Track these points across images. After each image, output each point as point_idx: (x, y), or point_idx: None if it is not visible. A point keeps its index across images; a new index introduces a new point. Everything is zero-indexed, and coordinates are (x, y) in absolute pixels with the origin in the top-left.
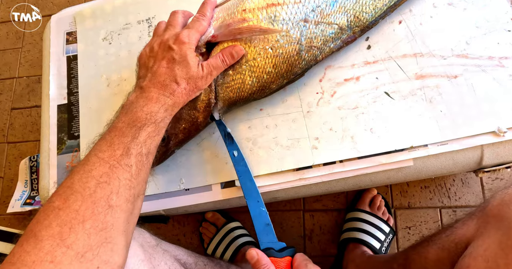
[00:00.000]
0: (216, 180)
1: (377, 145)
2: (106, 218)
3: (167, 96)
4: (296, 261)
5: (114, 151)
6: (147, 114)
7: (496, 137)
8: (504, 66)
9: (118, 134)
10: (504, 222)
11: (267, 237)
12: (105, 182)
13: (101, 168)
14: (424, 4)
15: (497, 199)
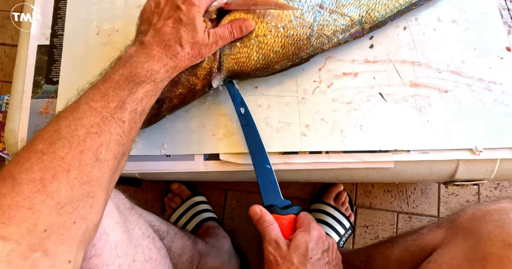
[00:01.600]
0: (200, 151)
1: (363, 142)
2: (92, 171)
3: (169, 57)
4: (299, 219)
5: (108, 102)
6: (147, 71)
7: (472, 154)
8: (491, 90)
9: (114, 86)
10: (473, 236)
11: (271, 194)
12: (95, 133)
13: (93, 117)
14: (430, 16)
15: (468, 214)
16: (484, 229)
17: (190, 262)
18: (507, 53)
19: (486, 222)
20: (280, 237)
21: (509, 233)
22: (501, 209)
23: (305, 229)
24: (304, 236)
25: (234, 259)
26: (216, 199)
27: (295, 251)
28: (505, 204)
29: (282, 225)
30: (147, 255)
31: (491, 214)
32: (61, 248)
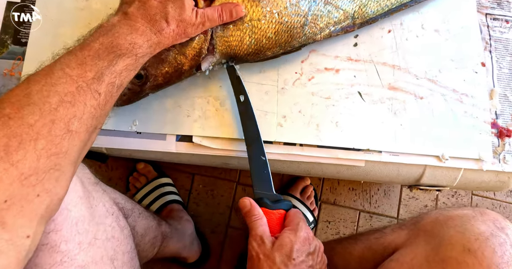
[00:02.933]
0: (173, 131)
1: (338, 139)
2: (62, 143)
3: (153, 33)
4: (288, 217)
5: (85, 71)
6: (130, 44)
7: (439, 161)
8: (462, 102)
9: (92, 54)
10: (435, 239)
11: (263, 186)
12: (69, 102)
13: (67, 85)
14: (414, 22)
15: (431, 217)
16: (446, 233)
17: (153, 243)
18: (482, 68)
19: (448, 227)
20: (266, 233)
21: (469, 239)
22: (463, 215)
23: (292, 229)
24: (290, 236)
25: (196, 244)
26: (183, 183)
27: (278, 250)
28: (467, 211)
29: (271, 220)
30: (109, 233)
31: (453, 219)
32: (20, 221)
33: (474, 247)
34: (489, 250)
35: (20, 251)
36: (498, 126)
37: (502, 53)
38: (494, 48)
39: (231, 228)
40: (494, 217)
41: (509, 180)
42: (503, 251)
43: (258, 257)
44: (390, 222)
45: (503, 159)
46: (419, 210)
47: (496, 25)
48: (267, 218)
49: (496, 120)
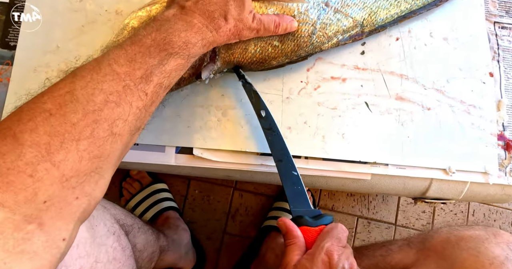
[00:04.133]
0: (172, 143)
1: (344, 152)
2: (105, 145)
3: (210, 31)
4: (318, 236)
5: (134, 70)
6: (184, 42)
7: (445, 174)
8: (470, 113)
9: (143, 51)
10: (446, 261)
11: (299, 203)
12: (114, 102)
13: (114, 84)
14: (423, 30)
15: (442, 237)
16: (458, 256)
17: (150, 258)
18: (490, 78)
19: (461, 249)
20: (293, 260)
21: (483, 264)
22: (476, 237)
23: (310, 253)
24: (305, 263)
25: (191, 253)
26: (178, 188)
27: None
28: (479, 231)
29: (311, 238)
30: (110, 255)
31: (466, 240)
32: (58, 223)
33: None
34: None
35: (55, 254)
36: (505, 138)
37: (510, 63)
38: (502, 58)
39: (227, 235)
40: (508, 240)
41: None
42: None
43: None
44: (388, 228)
45: (510, 172)
46: (417, 216)
47: (504, 34)
48: (309, 236)
49: (503, 132)
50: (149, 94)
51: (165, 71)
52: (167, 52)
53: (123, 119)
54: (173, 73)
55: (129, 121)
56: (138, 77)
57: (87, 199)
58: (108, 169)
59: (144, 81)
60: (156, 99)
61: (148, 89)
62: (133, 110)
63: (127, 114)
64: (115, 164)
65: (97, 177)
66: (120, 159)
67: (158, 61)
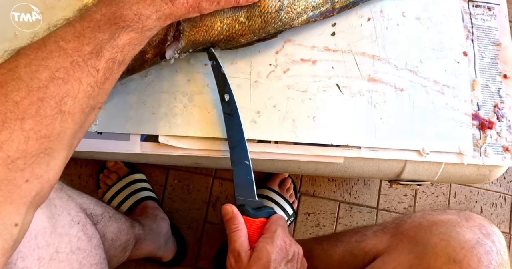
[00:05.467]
0: (137, 130)
1: (315, 135)
2: (54, 124)
3: (165, 2)
4: (267, 224)
5: (83, 45)
6: (135, 15)
7: (419, 156)
8: (443, 94)
9: (92, 26)
10: (419, 247)
11: (245, 192)
12: (61, 78)
13: (60, 60)
14: (395, 9)
15: (415, 222)
16: (430, 241)
17: (124, 247)
18: (463, 58)
19: (433, 234)
20: (243, 247)
21: (454, 248)
22: (448, 221)
23: (268, 237)
24: (266, 246)
25: (171, 242)
26: (157, 178)
27: (255, 264)
28: (452, 216)
29: (251, 228)
30: (74, 245)
31: (438, 225)
32: (8, 208)
33: (460, 256)
34: (475, 260)
35: (7, 239)
36: (480, 118)
37: (484, 41)
38: (476, 37)
39: (208, 224)
40: (480, 223)
41: (490, 173)
42: (489, 260)
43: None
44: (370, 212)
45: (484, 152)
46: (398, 199)
47: (478, 13)
48: (248, 227)
49: (477, 112)
50: (101, 70)
51: (117, 46)
52: (118, 26)
53: (72, 97)
54: (127, 48)
55: (79, 99)
56: (87, 52)
57: (38, 182)
58: (60, 150)
59: (94, 57)
60: (110, 76)
61: (99, 65)
62: (83, 87)
63: (76, 91)
64: (68, 145)
65: (48, 158)
66: (74, 139)
67: (108, 36)
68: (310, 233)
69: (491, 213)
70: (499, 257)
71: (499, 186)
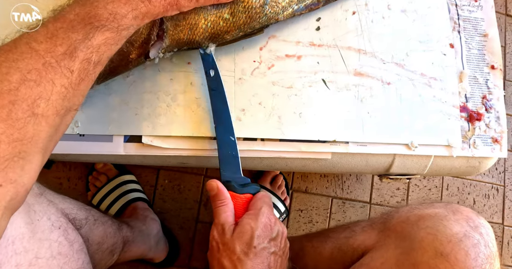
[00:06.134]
0: (120, 132)
1: (302, 131)
2: (26, 127)
3: (141, 1)
4: (252, 200)
5: (55, 46)
6: (110, 14)
7: (408, 149)
8: (431, 86)
9: (66, 26)
10: (406, 242)
11: (231, 169)
12: (33, 80)
13: (32, 61)
14: (380, 2)
15: (402, 216)
16: (417, 236)
17: (111, 250)
18: (450, 50)
19: (419, 228)
20: (228, 221)
21: (441, 242)
22: (435, 215)
23: (253, 213)
24: (250, 222)
25: (162, 243)
26: (147, 178)
27: (238, 238)
28: (439, 209)
29: (237, 204)
30: (55, 250)
31: (425, 219)
32: None
33: (447, 250)
34: (462, 253)
35: None
36: (468, 110)
37: (471, 33)
38: (463, 28)
39: (200, 223)
40: (468, 216)
41: (480, 165)
42: (476, 253)
43: (218, 246)
44: (363, 207)
45: (473, 144)
46: (391, 193)
47: (464, 4)
48: (234, 203)
49: (466, 104)
50: (75, 71)
51: (92, 46)
52: (92, 26)
53: (45, 99)
54: (103, 48)
55: (53, 101)
56: (60, 53)
57: (12, 187)
58: (35, 153)
59: (68, 57)
60: (86, 77)
61: (73, 65)
62: (57, 88)
63: (49, 93)
64: (43, 148)
65: (23, 162)
66: (50, 142)
67: (83, 36)
68: (303, 230)
69: (484, 205)
70: (487, 249)
71: (491, 177)
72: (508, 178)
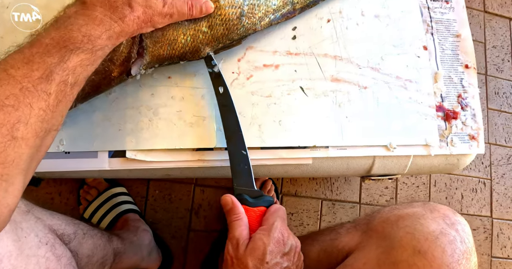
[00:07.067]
0: (104, 147)
1: (282, 139)
2: (7, 151)
3: (114, 21)
4: (265, 215)
5: (32, 71)
6: (84, 36)
7: (387, 151)
8: (406, 88)
9: (41, 51)
10: (386, 241)
11: (243, 182)
12: (11, 106)
13: (10, 87)
14: (354, 9)
15: (383, 217)
16: (396, 235)
17: (101, 263)
18: (424, 52)
19: (399, 228)
20: (243, 235)
21: (419, 240)
22: (413, 214)
23: (266, 229)
24: (262, 238)
25: (154, 253)
26: (138, 190)
27: (251, 254)
28: (417, 208)
29: (251, 217)
30: (42, 265)
31: (404, 219)
32: None
33: (424, 248)
34: (439, 250)
35: None
36: (444, 109)
37: (444, 34)
38: (436, 30)
39: (192, 232)
40: (444, 213)
41: (459, 161)
42: (453, 249)
43: (232, 261)
44: (353, 207)
45: (451, 142)
46: (380, 192)
47: (436, 6)
48: (248, 216)
49: (442, 103)
50: (52, 93)
51: (68, 68)
52: (67, 49)
53: (24, 122)
54: (79, 69)
55: (32, 124)
56: (36, 77)
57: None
58: (17, 175)
59: (45, 81)
60: (64, 98)
61: (50, 88)
62: (35, 111)
63: (27, 117)
64: (25, 169)
65: (6, 185)
66: (32, 162)
67: (58, 59)
68: (295, 233)
69: (472, 199)
70: (463, 245)
71: (478, 171)
72: (494, 172)
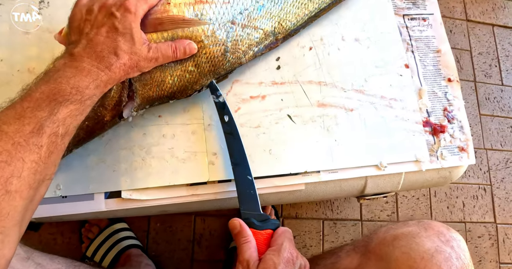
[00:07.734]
0: (100, 189)
1: (273, 167)
2: (1, 204)
3: (101, 70)
4: (274, 237)
5: (23, 125)
6: (72, 88)
7: (378, 170)
8: (392, 107)
9: (32, 106)
10: (383, 262)
11: (249, 206)
12: (4, 161)
13: (2, 143)
14: (334, 35)
15: (380, 238)
16: (392, 255)
17: None
18: (406, 70)
19: (395, 248)
20: (253, 257)
21: (414, 260)
22: (408, 233)
23: (275, 249)
24: (273, 258)
25: None
26: (140, 224)
27: None
28: (412, 227)
29: (259, 240)
30: None
31: (399, 239)
32: None
33: (421, 267)
34: (435, 268)
35: None
36: (431, 124)
37: (424, 51)
38: (416, 48)
39: (196, 262)
40: (439, 230)
41: (451, 174)
42: (449, 266)
43: None
44: (355, 225)
45: (441, 156)
46: (381, 207)
47: (414, 25)
48: (256, 239)
49: (428, 118)
50: (44, 145)
51: (58, 120)
52: (56, 102)
53: (17, 176)
54: (69, 120)
55: (24, 177)
56: (28, 132)
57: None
58: (13, 226)
59: (36, 135)
60: (55, 149)
61: (41, 141)
62: (28, 164)
63: (20, 170)
64: (21, 220)
65: (2, 237)
66: (26, 213)
67: (48, 112)
68: None
69: (473, 206)
70: (459, 261)
71: (477, 178)
72: (493, 177)
